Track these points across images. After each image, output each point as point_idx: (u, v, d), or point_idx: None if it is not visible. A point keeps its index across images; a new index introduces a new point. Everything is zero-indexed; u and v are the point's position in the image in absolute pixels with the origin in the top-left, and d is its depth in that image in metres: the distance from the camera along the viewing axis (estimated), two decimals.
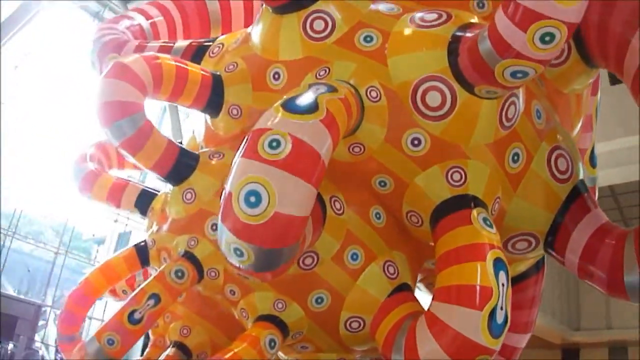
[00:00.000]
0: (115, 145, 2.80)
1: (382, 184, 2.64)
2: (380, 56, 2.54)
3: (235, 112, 2.92)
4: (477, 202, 2.53)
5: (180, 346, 3.08)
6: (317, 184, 1.97)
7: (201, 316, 3.10)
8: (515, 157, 2.66)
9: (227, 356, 2.48)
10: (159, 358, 3.08)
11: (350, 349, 2.83)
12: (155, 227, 3.22)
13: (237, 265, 2.01)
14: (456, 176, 2.54)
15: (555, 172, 2.79)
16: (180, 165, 2.93)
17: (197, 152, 3.03)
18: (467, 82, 2.38)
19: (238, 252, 1.94)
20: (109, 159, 3.92)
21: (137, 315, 2.70)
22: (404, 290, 2.66)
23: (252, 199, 1.84)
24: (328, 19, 2.65)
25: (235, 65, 2.94)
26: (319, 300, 2.61)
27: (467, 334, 2.18)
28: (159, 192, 3.59)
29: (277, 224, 1.87)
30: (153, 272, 3.28)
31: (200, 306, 3.12)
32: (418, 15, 2.59)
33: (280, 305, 2.65)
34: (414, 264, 2.87)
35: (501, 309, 2.22)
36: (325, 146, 1.99)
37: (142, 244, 3.34)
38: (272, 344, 2.58)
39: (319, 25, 2.64)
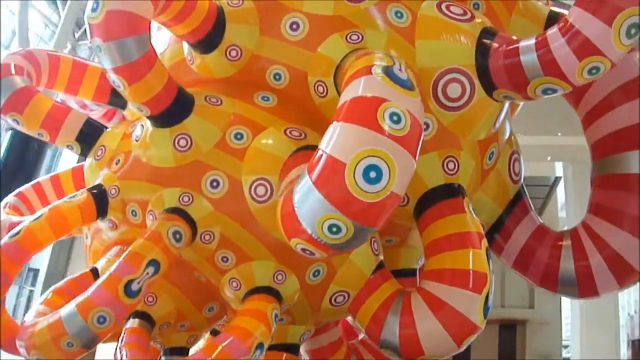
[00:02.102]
0: (109, 67, 2.23)
1: None
2: (409, 36, 2.54)
3: (234, 53, 2.59)
4: (463, 192, 2.70)
5: (142, 316, 2.57)
6: None
7: (170, 282, 2.62)
8: (491, 155, 2.92)
9: (242, 336, 2.21)
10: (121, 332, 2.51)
11: (319, 322, 2.79)
12: (112, 171, 2.64)
13: (322, 240, 1.78)
14: (451, 165, 2.68)
15: (512, 173, 3.15)
16: (178, 105, 2.44)
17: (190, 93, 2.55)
18: (491, 83, 2.50)
19: (334, 229, 1.74)
20: (39, 73, 3.02)
21: (135, 286, 2.18)
22: (383, 267, 2.70)
23: (373, 174, 1.68)
24: None
25: (241, 1, 2.60)
26: (316, 274, 2.51)
27: (466, 313, 2.36)
28: (105, 126, 2.98)
29: (388, 204, 1.74)
30: (106, 224, 2.69)
31: (170, 271, 2.62)
32: (444, 3, 2.63)
33: (280, 277, 2.45)
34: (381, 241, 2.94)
35: (491, 293, 2.44)
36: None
37: (98, 190, 2.67)
38: (276, 318, 2.37)
39: None
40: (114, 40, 2.17)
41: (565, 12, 3.20)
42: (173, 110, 2.43)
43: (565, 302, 17.00)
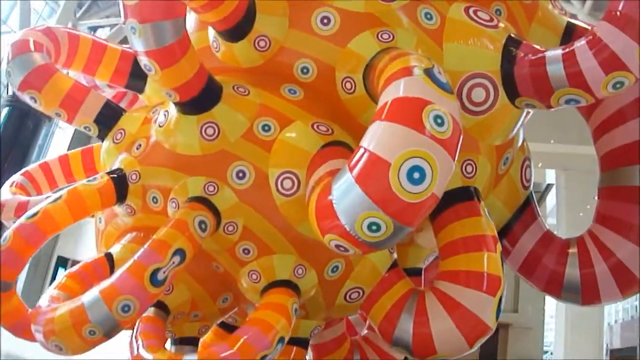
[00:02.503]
0: (142, 50, 2.19)
1: None
2: (438, 38, 2.55)
3: (262, 44, 2.57)
4: (479, 195, 2.74)
5: (158, 304, 2.50)
6: None
7: (187, 271, 2.55)
8: (506, 161, 2.97)
9: (264, 329, 2.19)
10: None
11: (330, 318, 2.81)
12: (133, 156, 2.60)
13: (360, 238, 1.77)
14: (469, 168, 2.71)
15: (523, 179, 3.21)
16: (207, 93, 2.40)
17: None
18: (515, 90, 2.54)
19: (374, 227, 1.74)
20: (58, 51, 2.93)
21: (160, 276, 2.12)
22: (397, 265, 2.74)
23: (416, 175, 1.69)
24: None
25: None
26: (334, 269, 2.52)
27: (480, 315, 2.40)
28: (123, 109, 2.93)
29: (427, 205, 1.75)
30: (123, 210, 2.65)
31: (193, 262, 2.56)
32: (471, 8, 2.66)
33: (300, 271, 2.44)
34: None
35: (504, 297, 2.48)
36: None
37: (118, 174, 2.60)
38: (296, 312, 2.37)
39: None
40: (150, 23, 2.12)
41: (581, 24, 3.29)
42: (202, 97, 2.40)
43: (548, 307, 17.29)
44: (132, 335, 2.42)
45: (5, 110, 11.70)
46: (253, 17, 2.53)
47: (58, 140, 15.59)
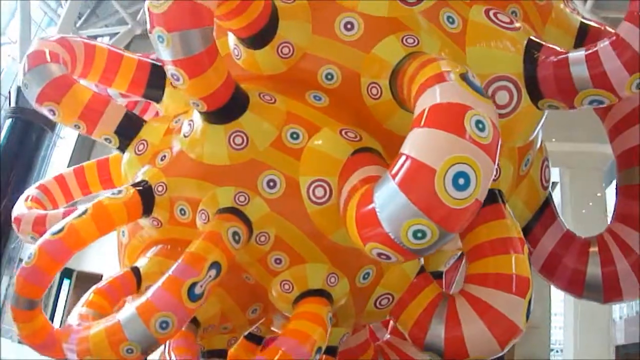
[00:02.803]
0: (169, 59, 2.17)
1: None
2: (461, 42, 2.55)
3: (286, 50, 2.55)
4: (503, 197, 2.75)
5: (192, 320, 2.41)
6: None
7: (219, 283, 2.46)
8: (527, 162, 2.98)
9: (302, 339, 2.19)
10: None
11: (359, 324, 2.80)
12: (158, 168, 2.56)
13: (404, 245, 1.75)
14: None
15: (543, 180, 3.22)
16: (236, 101, 2.38)
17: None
18: (539, 92, 2.54)
19: (419, 234, 1.72)
20: (74, 61, 2.89)
21: (198, 290, 2.07)
22: (424, 270, 2.73)
23: (461, 181, 1.67)
24: None
25: None
26: (366, 276, 2.51)
27: (510, 316, 2.40)
28: (143, 119, 2.91)
29: (471, 210, 1.73)
30: (149, 222, 2.61)
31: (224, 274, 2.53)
32: (491, 11, 2.67)
33: (332, 280, 2.41)
34: None
35: (532, 298, 2.49)
36: None
37: (143, 186, 2.55)
38: (331, 321, 2.35)
39: None
40: (178, 32, 2.09)
41: (594, 24, 3.30)
42: (230, 106, 2.37)
43: (555, 306, 17.26)
44: (164, 351, 2.41)
45: (8, 122, 11.66)
46: (276, 24, 2.51)
47: (60, 150, 15.57)
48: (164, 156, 2.59)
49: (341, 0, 2.52)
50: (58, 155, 15.51)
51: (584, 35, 3.17)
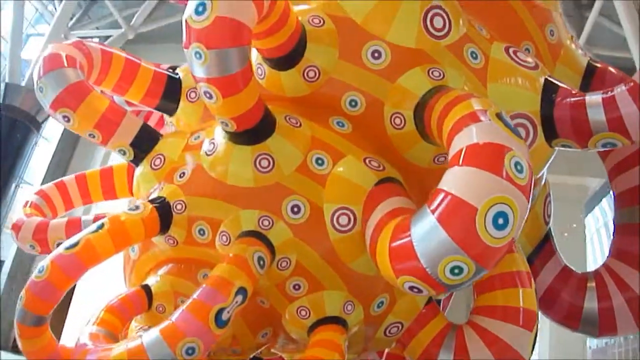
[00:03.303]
0: (204, 77, 2.14)
1: None
2: (483, 78, 2.61)
3: (311, 74, 2.54)
4: None
5: None
6: None
7: None
8: (533, 197, 3.05)
9: None
10: None
11: (364, 351, 2.80)
12: (177, 185, 2.51)
13: (440, 281, 1.78)
14: None
15: (545, 215, 3.30)
16: (264, 123, 2.36)
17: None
18: (554, 131, 2.62)
19: (457, 270, 1.75)
20: (91, 67, 2.81)
21: (225, 316, 2.03)
22: (432, 300, 2.77)
23: (501, 220, 1.71)
24: (446, 20, 2.56)
25: (322, 21, 2.55)
26: (380, 305, 2.51)
27: (518, 348, 2.47)
28: (159, 133, 2.85)
29: (506, 249, 1.78)
30: (164, 240, 2.53)
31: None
32: (511, 48, 2.75)
33: (349, 308, 2.40)
34: None
35: (538, 331, 2.55)
36: None
37: (161, 203, 2.48)
38: (347, 349, 2.34)
39: (438, 22, 2.53)
40: (217, 50, 2.06)
41: (600, 65, 3.43)
42: (258, 128, 2.35)
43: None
44: None
45: None
46: (304, 46, 2.51)
47: (42, 150, 15.24)
48: (183, 173, 2.54)
49: (369, 28, 2.53)
50: (39, 156, 15.18)
51: (590, 75, 3.29)
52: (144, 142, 2.73)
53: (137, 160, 2.76)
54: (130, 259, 2.78)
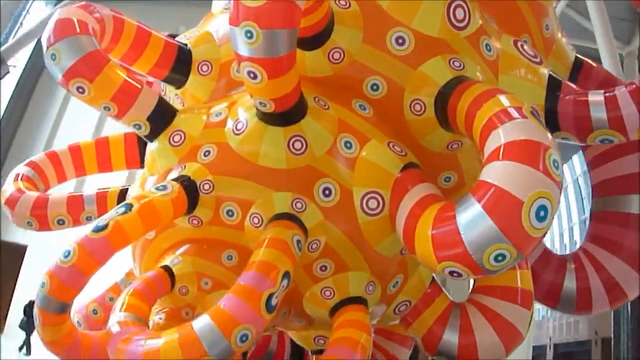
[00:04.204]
0: (252, 56, 2.09)
1: (447, 179, 2.83)
2: (495, 70, 2.71)
3: (336, 55, 2.55)
4: None
5: None
6: None
7: None
8: None
9: (354, 346, 2.25)
10: None
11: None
12: (202, 164, 2.43)
13: (484, 267, 1.88)
14: None
15: None
16: (300, 105, 2.33)
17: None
18: (556, 125, 2.76)
19: (500, 257, 1.87)
20: (103, 32, 2.65)
21: (274, 301, 2.02)
22: (434, 280, 2.92)
23: (542, 213, 1.84)
24: (467, 11, 2.62)
25: (348, 3, 2.56)
26: (395, 284, 2.62)
27: (517, 325, 2.69)
28: (175, 108, 2.74)
29: (541, 240, 1.92)
30: (187, 221, 2.46)
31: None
32: (518, 42, 2.87)
33: (370, 288, 2.48)
34: None
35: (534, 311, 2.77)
36: None
37: (188, 183, 2.39)
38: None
39: (460, 13, 2.59)
40: (270, 30, 2.02)
41: (587, 60, 3.63)
42: (294, 110, 2.34)
43: None
44: None
45: None
46: (332, 28, 2.51)
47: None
48: (208, 151, 2.48)
49: (395, 14, 2.55)
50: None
51: (577, 70, 3.48)
52: (161, 117, 2.64)
53: (152, 135, 2.67)
54: (145, 238, 2.68)
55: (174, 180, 2.44)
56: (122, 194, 3.20)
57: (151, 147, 2.73)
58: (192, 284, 2.47)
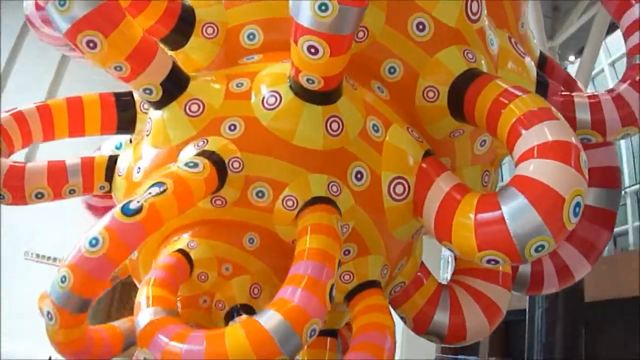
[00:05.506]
0: (321, 31, 1.99)
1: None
2: (495, 63, 2.84)
3: (361, 34, 2.51)
4: None
5: (249, 310, 2.20)
6: None
7: (276, 273, 2.31)
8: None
9: (382, 329, 2.26)
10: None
11: None
12: (229, 139, 2.25)
13: (524, 257, 1.96)
14: (486, 178, 3.15)
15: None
16: (340, 84, 2.23)
17: None
18: None
19: (540, 248, 1.96)
20: None
21: (334, 292, 1.93)
22: (423, 262, 3.07)
23: (577, 209, 1.96)
24: (480, 5, 2.68)
25: None
26: (400, 267, 2.71)
27: (499, 304, 2.93)
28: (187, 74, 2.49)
29: (568, 233, 2.04)
30: (203, 203, 2.23)
31: (277, 260, 2.31)
32: (512, 38, 3.02)
33: (385, 272, 2.50)
34: None
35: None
36: None
37: (217, 160, 2.17)
38: None
39: (475, 6, 2.64)
40: (346, 6, 1.93)
41: (547, 55, 3.91)
42: (337, 89, 2.24)
43: None
44: None
45: None
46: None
47: None
48: (234, 125, 2.31)
49: (419, 0, 2.55)
50: None
51: (542, 66, 3.68)
52: (175, 83, 2.43)
53: (163, 102, 2.44)
54: None
55: (199, 155, 2.23)
56: (111, 163, 2.91)
57: (157, 115, 2.50)
58: (212, 269, 2.30)
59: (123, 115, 2.94)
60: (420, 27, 2.55)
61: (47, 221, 12.52)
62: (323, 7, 1.96)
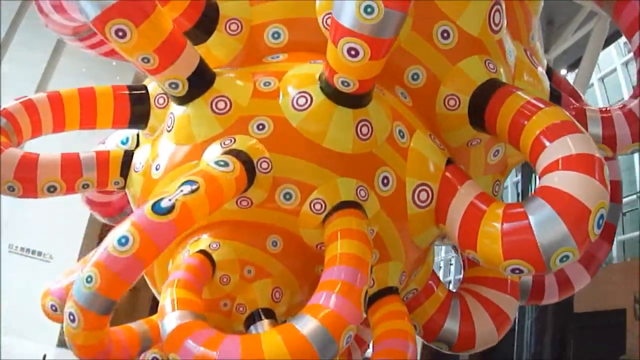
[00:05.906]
0: (364, 34, 1.97)
1: None
2: (512, 75, 2.87)
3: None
4: None
5: (269, 314, 2.17)
6: None
7: (297, 277, 2.28)
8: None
9: (404, 336, 2.27)
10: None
11: None
12: (257, 139, 2.20)
13: (549, 266, 1.98)
14: (496, 188, 3.19)
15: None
16: (373, 88, 2.23)
17: None
18: None
19: (564, 258, 1.99)
20: None
21: (366, 298, 1.91)
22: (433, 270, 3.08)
23: (601, 221, 1.99)
24: (502, 16, 2.70)
25: None
26: (416, 274, 2.72)
27: (507, 312, 2.94)
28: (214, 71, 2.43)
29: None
30: (231, 205, 2.19)
31: (299, 264, 2.27)
32: (527, 50, 3.06)
33: (403, 278, 2.48)
34: None
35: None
36: None
37: (246, 160, 2.13)
38: None
39: (497, 17, 2.67)
40: (391, 10, 1.91)
41: (554, 70, 3.98)
42: (369, 92, 2.22)
43: None
44: None
45: None
46: None
47: None
48: (262, 125, 2.27)
49: (444, 8, 2.55)
50: None
51: (549, 78, 3.77)
52: (202, 79, 2.38)
53: (188, 98, 2.39)
54: None
55: (227, 154, 2.18)
56: (127, 158, 2.85)
57: (180, 110, 2.44)
58: (235, 272, 2.26)
59: (136, 109, 2.87)
60: (445, 34, 2.56)
61: (32, 214, 12.31)
62: (369, 10, 1.94)
